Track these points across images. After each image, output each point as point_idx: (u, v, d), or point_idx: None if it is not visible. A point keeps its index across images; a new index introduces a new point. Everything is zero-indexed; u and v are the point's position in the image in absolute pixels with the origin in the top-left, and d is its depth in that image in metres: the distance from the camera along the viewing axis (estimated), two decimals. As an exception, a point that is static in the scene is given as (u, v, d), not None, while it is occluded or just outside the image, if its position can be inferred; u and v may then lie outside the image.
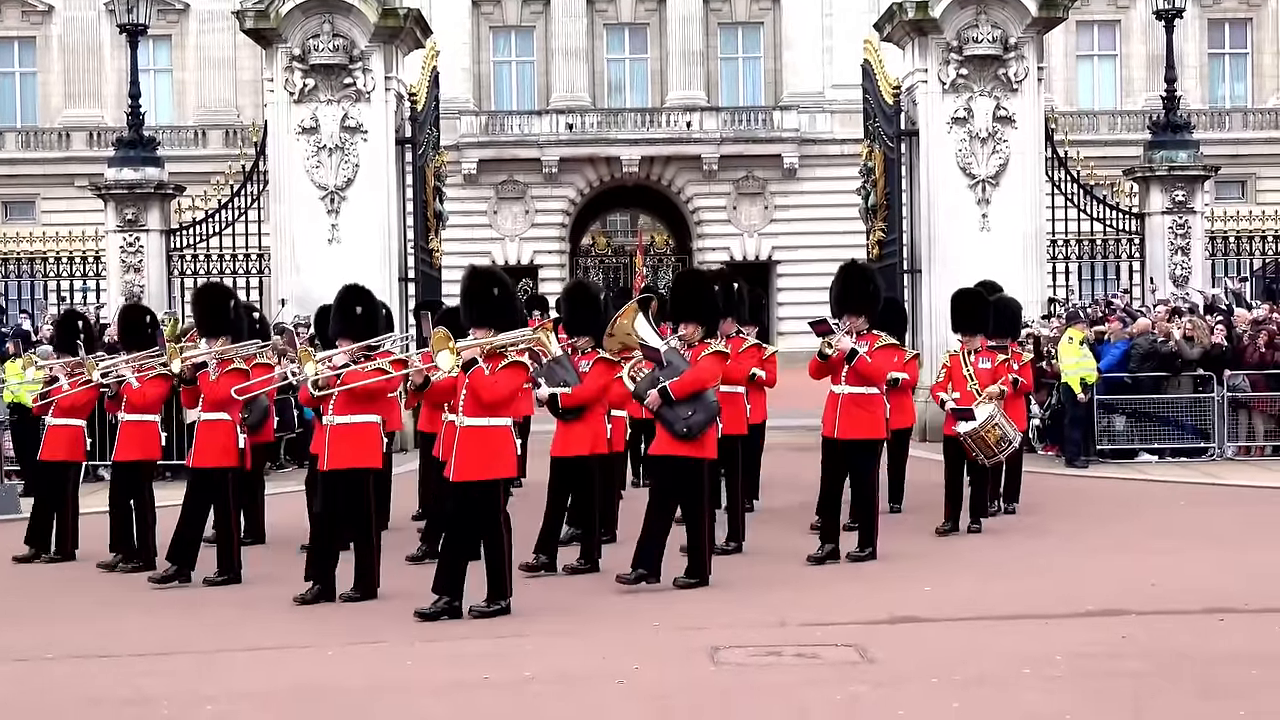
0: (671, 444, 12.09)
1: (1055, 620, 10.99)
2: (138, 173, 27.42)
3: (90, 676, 9.77)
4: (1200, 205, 27.90)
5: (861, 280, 13.70)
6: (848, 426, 13.37)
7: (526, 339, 11.54)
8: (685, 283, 13.21)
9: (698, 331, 12.51)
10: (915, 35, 25.34)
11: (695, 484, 12.21)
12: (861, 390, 13.36)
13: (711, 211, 51.39)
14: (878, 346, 13.41)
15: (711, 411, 12.09)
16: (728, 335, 13.90)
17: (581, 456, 13.18)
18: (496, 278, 11.72)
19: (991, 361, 15.38)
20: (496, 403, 11.05)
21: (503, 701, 8.92)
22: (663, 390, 11.98)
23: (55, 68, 51.79)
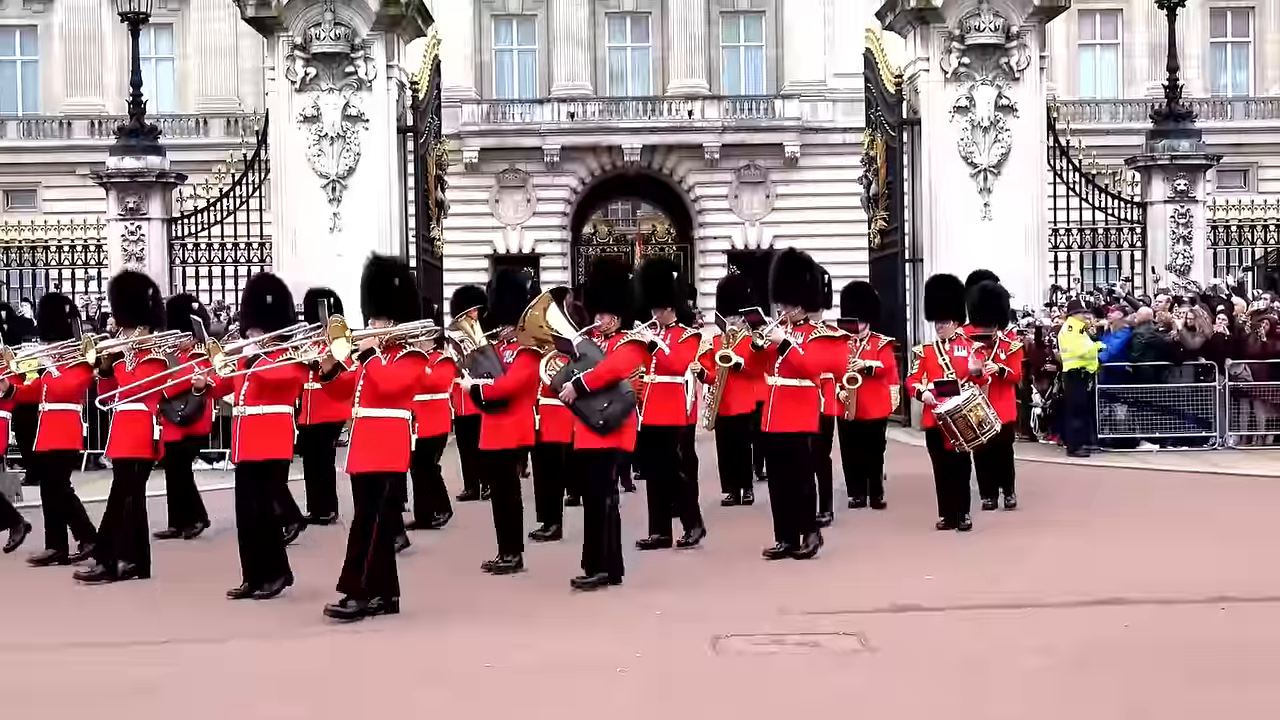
0: (590, 438, 11.88)
1: (1056, 609, 10.99)
2: (139, 161, 27.43)
3: (95, 664, 9.78)
4: (1202, 194, 27.91)
5: (797, 269, 13.31)
6: (778, 419, 12.99)
7: (427, 330, 11.25)
8: (601, 273, 12.97)
9: (614, 322, 12.33)
10: (917, 24, 25.34)
11: (604, 476, 11.96)
12: (794, 383, 12.95)
13: (713, 200, 51.30)
14: (813, 338, 12.99)
15: (627, 402, 11.90)
16: (667, 325, 13.44)
17: (507, 450, 12.86)
18: (397, 267, 11.52)
19: (967, 350, 15.01)
20: (393, 393, 10.75)
21: (503, 689, 8.92)
22: (577, 382, 11.79)
23: (57, 56, 51.69)
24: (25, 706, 8.81)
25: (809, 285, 13.19)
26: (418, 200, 26.04)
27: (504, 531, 12.78)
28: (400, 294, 11.16)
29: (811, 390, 13.05)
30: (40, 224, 30.73)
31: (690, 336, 13.84)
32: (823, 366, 13.25)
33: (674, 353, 13.46)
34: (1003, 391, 15.67)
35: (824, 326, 13.27)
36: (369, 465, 10.77)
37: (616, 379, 11.85)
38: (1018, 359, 16.18)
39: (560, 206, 51.45)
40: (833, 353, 13.36)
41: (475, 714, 8.49)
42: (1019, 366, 16.38)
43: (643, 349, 12.42)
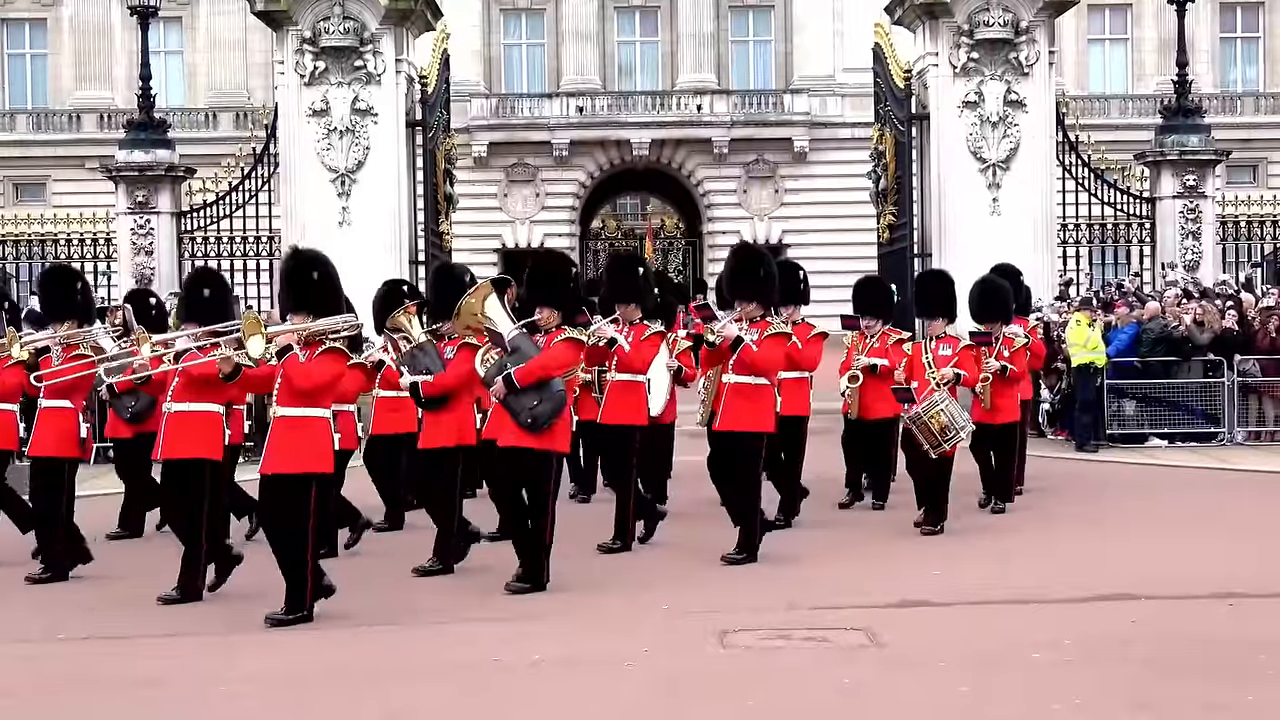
0: (520, 435, 11.37)
1: (1064, 605, 10.99)
2: (148, 155, 27.43)
3: (104, 658, 9.80)
4: (1211, 190, 27.85)
5: (753, 263, 12.96)
6: (729, 418, 12.63)
7: (349, 325, 10.89)
8: (541, 266, 12.27)
9: (552, 317, 11.78)
10: (926, 19, 25.32)
11: (541, 478, 11.49)
12: (747, 380, 12.58)
13: (722, 195, 51.32)
14: (767, 335, 12.60)
15: (557, 401, 11.36)
16: (630, 322, 13.24)
17: (446, 449, 12.53)
18: (317, 261, 11.02)
19: (953, 348, 14.44)
20: (312, 391, 10.39)
21: (511, 683, 8.93)
22: (507, 378, 11.33)
23: (66, 50, 51.78)
24: (33, 699, 8.84)
25: (764, 281, 12.80)
26: (426, 194, 26.05)
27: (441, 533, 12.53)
28: (320, 288, 10.74)
29: (767, 389, 12.66)
30: (49, 217, 30.72)
31: (653, 334, 13.46)
32: (777, 364, 12.79)
33: (635, 350, 13.18)
34: (1006, 390, 15.45)
35: (779, 323, 12.91)
36: (289, 466, 10.39)
37: (547, 376, 11.35)
38: (1021, 356, 15.77)
39: (569, 201, 51.48)
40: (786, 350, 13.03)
41: (484, 709, 8.50)
42: (1024, 364, 15.97)
43: (579, 347, 11.89)
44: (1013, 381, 15.57)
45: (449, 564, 12.45)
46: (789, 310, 14.46)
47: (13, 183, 50.85)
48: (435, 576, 12.25)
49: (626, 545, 13.37)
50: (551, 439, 11.43)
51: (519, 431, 11.35)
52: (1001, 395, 15.36)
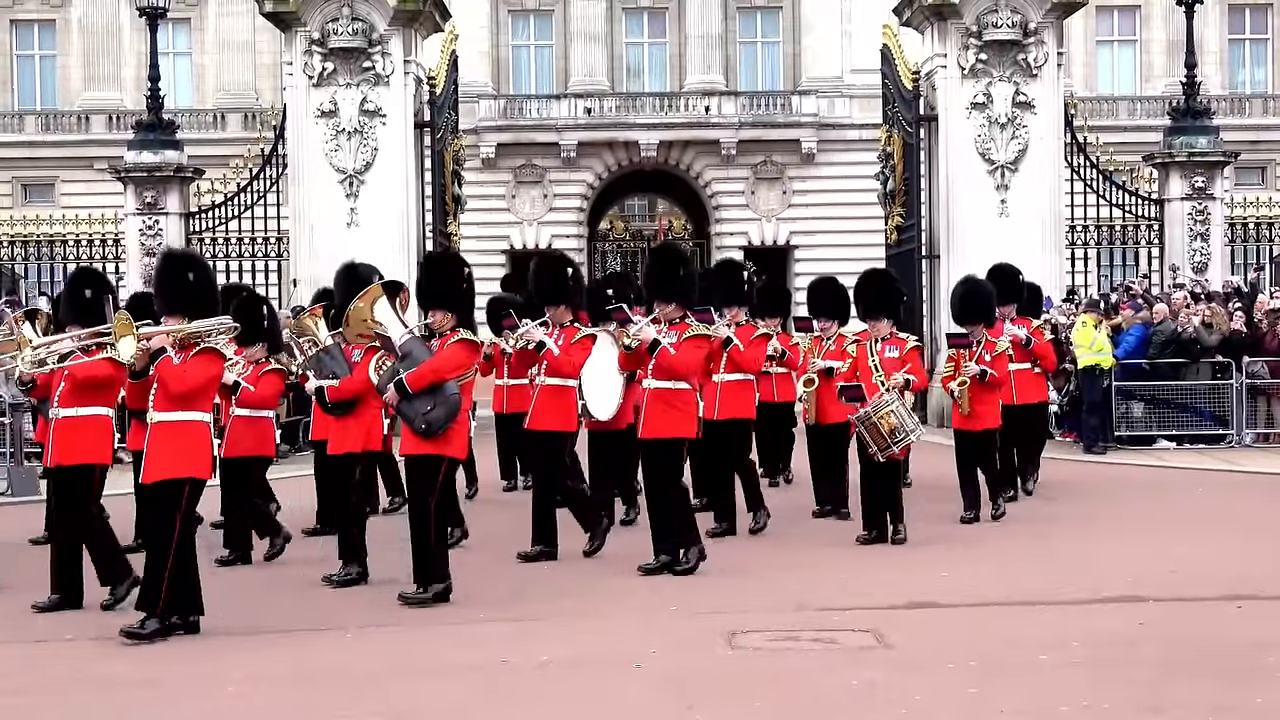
0: (417, 442, 11.03)
1: (1072, 606, 10.99)
2: (157, 156, 27.50)
3: (110, 658, 9.81)
4: (1220, 191, 27.86)
5: (672, 263, 12.59)
6: (650, 424, 12.20)
7: (225, 327, 10.55)
8: (434, 266, 11.89)
9: (448, 319, 11.26)
10: (934, 20, 25.33)
11: (431, 483, 11.09)
12: (667, 385, 12.16)
13: (729, 196, 51.29)
14: (685, 337, 12.17)
15: (451, 406, 10.95)
16: (560, 324, 13.00)
17: (351, 454, 12.20)
18: (191, 260, 10.73)
19: (899, 349, 13.86)
20: (185, 394, 10.08)
21: (520, 684, 8.94)
22: (398, 383, 10.97)
23: (75, 51, 51.81)
24: (39, 699, 8.85)
25: (684, 281, 12.41)
26: (434, 195, 26.09)
27: (344, 541, 12.24)
28: (194, 289, 10.41)
29: (687, 393, 12.24)
30: (58, 218, 30.84)
31: (584, 337, 13.06)
32: (695, 367, 12.31)
33: (564, 354, 12.89)
34: (987, 395, 15.02)
35: (698, 325, 12.39)
36: (167, 472, 10.10)
37: (439, 380, 10.94)
38: (1003, 361, 15.30)
39: (577, 202, 51.47)
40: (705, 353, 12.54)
41: (492, 709, 8.50)
42: (1006, 367, 15.42)
43: (473, 349, 11.36)
44: (993, 387, 15.08)
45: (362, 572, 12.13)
46: (732, 312, 14.22)
47: (21, 183, 50.89)
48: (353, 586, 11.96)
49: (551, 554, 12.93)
50: (447, 444, 11.08)
51: (414, 438, 11.05)
52: (981, 401, 14.94)
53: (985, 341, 15.10)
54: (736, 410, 14.29)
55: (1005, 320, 16.18)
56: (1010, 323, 16.23)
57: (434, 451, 11.02)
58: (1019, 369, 16.21)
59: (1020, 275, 16.88)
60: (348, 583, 12.00)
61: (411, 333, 11.19)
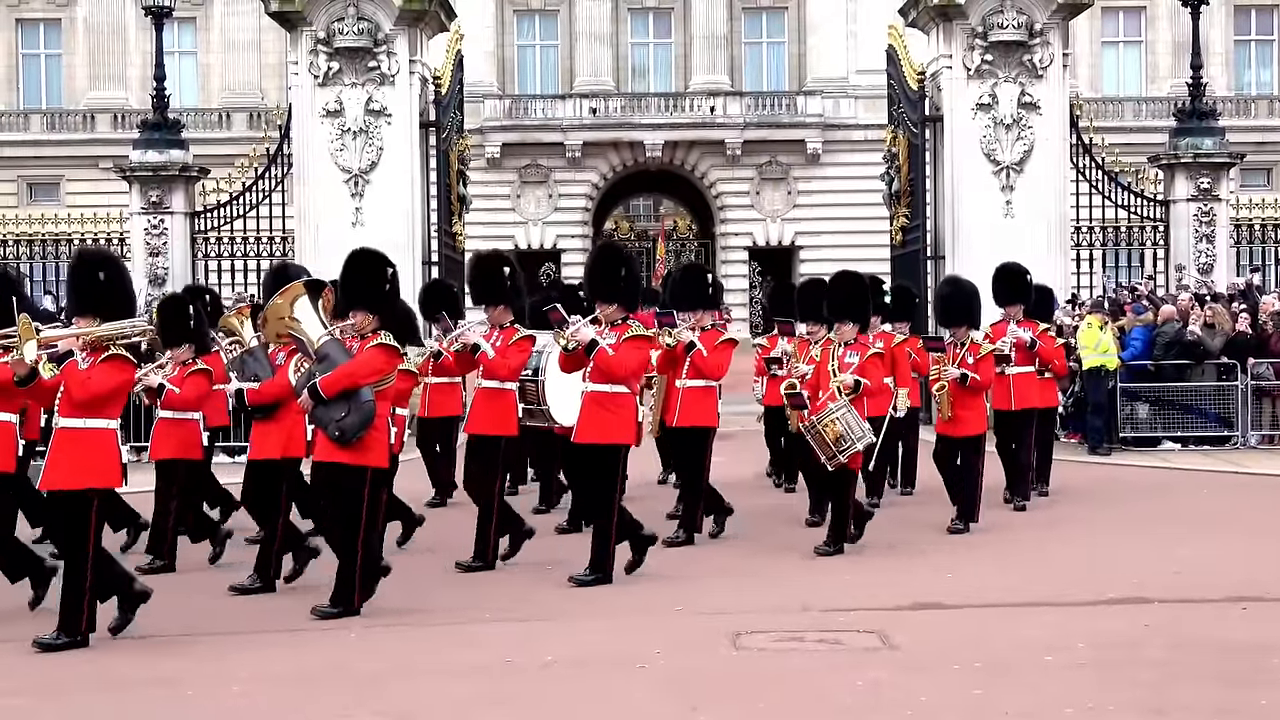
0: (333, 450, 10.61)
1: (1077, 608, 10.99)
2: (162, 155, 27.48)
3: (115, 657, 9.82)
4: (1225, 193, 27.81)
5: (613, 263, 12.23)
6: (586, 429, 11.92)
7: (137, 330, 10.30)
8: (354, 265, 11.19)
9: (369, 321, 10.83)
10: (940, 21, 25.30)
11: (354, 495, 10.68)
12: (605, 389, 11.81)
13: (734, 197, 51.32)
14: (625, 338, 11.81)
15: (365, 413, 10.50)
16: (499, 326, 12.58)
17: (271, 460, 11.89)
18: (105, 260, 10.38)
19: (860, 354, 13.35)
20: (90, 401, 9.76)
21: (524, 684, 8.94)
22: (312, 388, 10.54)
23: (80, 50, 51.88)
24: (45, 699, 8.86)
25: (626, 282, 12.10)
26: (440, 195, 26.07)
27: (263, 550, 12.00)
28: (106, 290, 10.04)
29: (626, 397, 11.89)
30: (63, 217, 30.80)
31: (522, 338, 12.65)
32: (634, 370, 11.94)
33: (500, 356, 12.48)
34: (970, 400, 14.52)
35: (638, 326, 12.06)
36: (67, 482, 9.78)
37: (354, 385, 10.50)
38: (988, 364, 14.70)
39: (582, 202, 51.52)
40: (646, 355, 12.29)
41: (496, 710, 8.50)
42: (991, 371, 14.84)
43: (392, 354, 10.87)
44: (976, 392, 14.58)
45: (270, 581, 11.83)
46: (697, 315, 13.92)
47: (27, 182, 50.96)
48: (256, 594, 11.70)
49: (489, 564, 12.60)
50: (363, 452, 10.61)
51: (329, 445, 10.64)
52: (964, 406, 14.45)
53: (970, 344, 14.70)
54: (697, 418, 13.79)
55: (1010, 322, 16.02)
56: (1016, 324, 16.01)
57: (351, 461, 10.58)
58: (1021, 372, 16.03)
59: (1028, 275, 16.45)
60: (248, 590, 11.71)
61: (331, 334, 10.81)
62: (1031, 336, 16.08)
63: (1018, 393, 16.01)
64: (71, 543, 9.92)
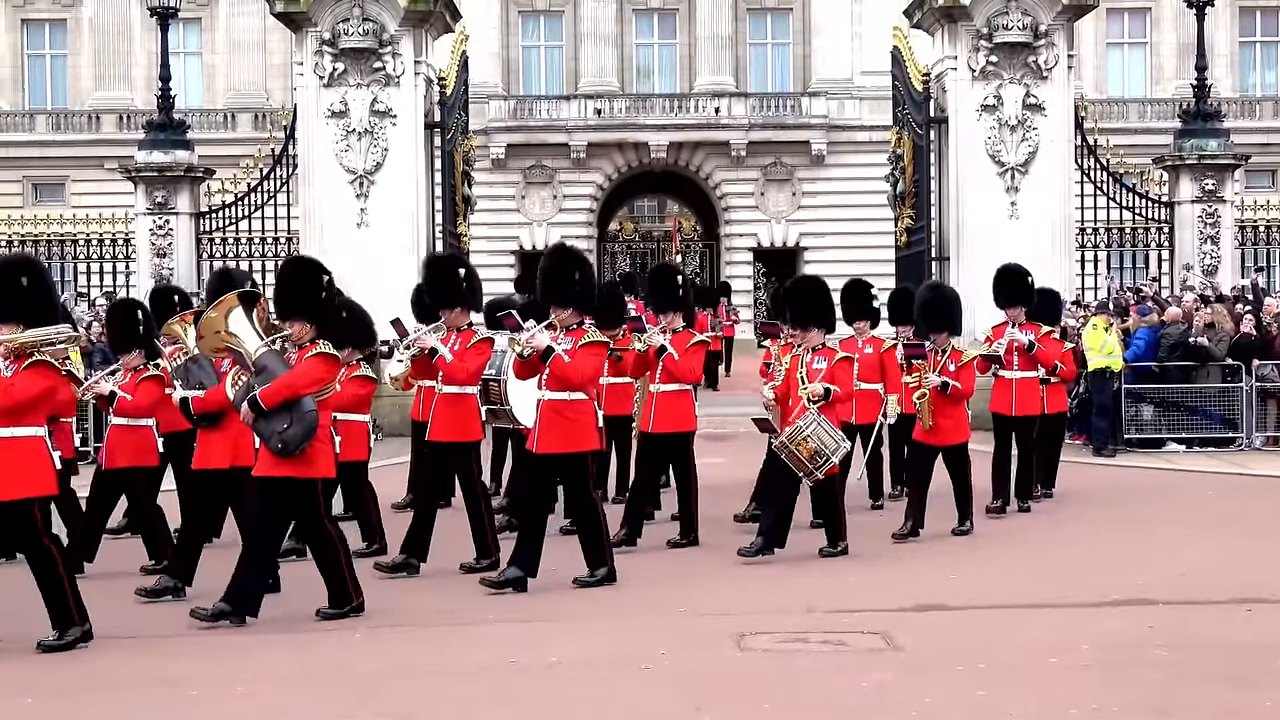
0: (275, 463, 10.37)
1: (1082, 609, 10.98)
2: (167, 155, 27.53)
3: (121, 658, 9.82)
4: (1230, 194, 27.81)
5: (567, 266, 11.85)
6: (545, 439, 11.57)
7: (64, 336, 10.15)
8: (290, 273, 10.94)
9: (306, 330, 10.61)
10: (945, 22, 25.30)
11: (305, 506, 10.53)
12: (563, 396, 11.53)
13: (739, 198, 51.31)
14: (581, 344, 11.55)
15: (307, 424, 10.28)
16: (456, 329, 12.40)
17: (220, 470, 11.63)
18: (27, 265, 10.12)
19: (828, 360, 13.01)
20: (12, 409, 9.57)
21: (529, 685, 8.94)
22: (252, 400, 10.29)
23: (86, 50, 51.93)
24: (50, 699, 8.87)
25: (580, 285, 11.75)
26: (444, 196, 26.08)
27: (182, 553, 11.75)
28: (30, 295, 9.84)
29: (584, 403, 11.60)
30: (69, 217, 30.84)
31: (481, 341, 12.48)
32: (590, 376, 11.67)
33: (458, 360, 12.28)
34: (951, 408, 14.13)
35: (594, 331, 11.83)
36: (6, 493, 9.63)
37: (294, 396, 10.27)
38: (969, 372, 14.32)
39: (586, 203, 51.52)
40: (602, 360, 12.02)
41: (500, 710, 8.51)
42: (972, 379, 14.43)
43: (332, 363, 10.65)
44: (957, 400, 14.18)
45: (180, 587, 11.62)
46: (669, 318, 13.73)
47: (32, 183, 51.01)
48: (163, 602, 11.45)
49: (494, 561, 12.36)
50: (308, 464, 10.41)
51: (273, 459, 10.39)
52: (945, 414, 14.05)
53: (951, 351, 14.26)
54: (673, 423, 13.65)
55: (1010, 325, 15.85)
56: (1017, 328, 15.82)
57: (295, 474, 10.38)
58: (1023, 377, 15.82)
59: (1029, 277, 16.19)
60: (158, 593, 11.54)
61: (268, 345, 10.55)
62: (1031, 340, 15.82)
63: (1019, 398, 15.84)
64: (28, 548, 9.89)
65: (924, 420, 14.15)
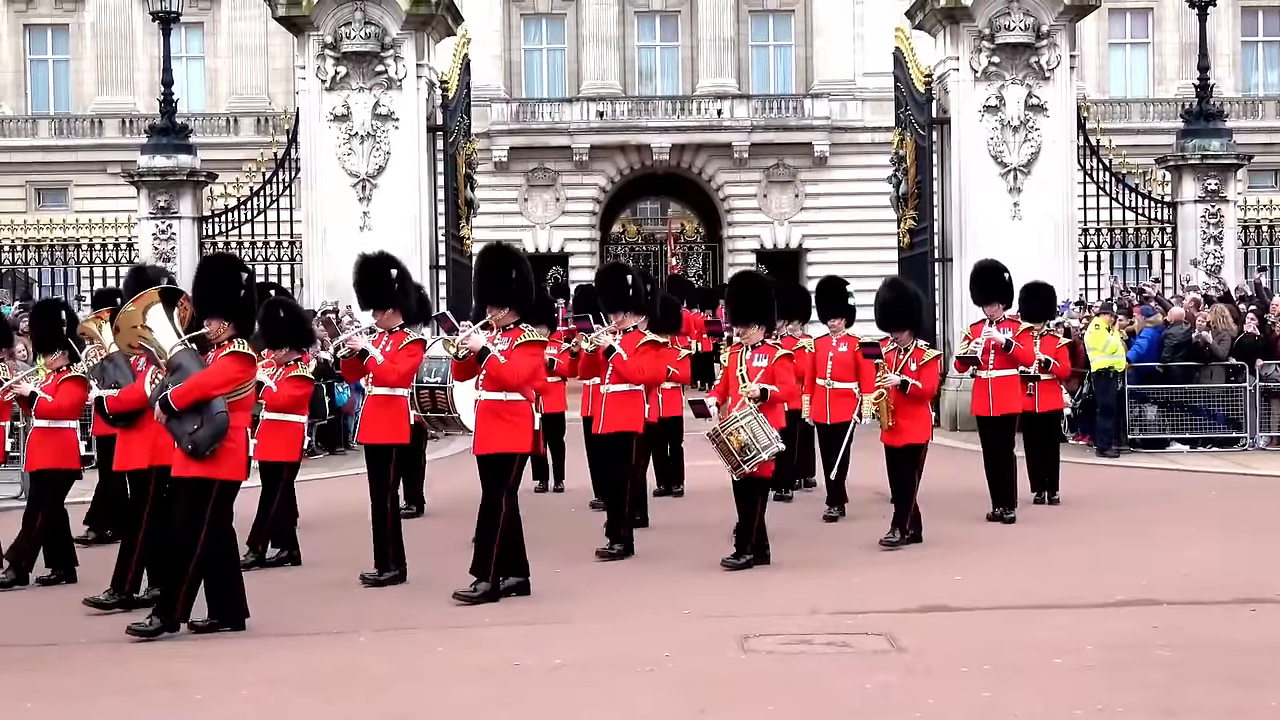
0: (186, 463, 10.15)
1: (1086, 610, 10.97)
2: (170, 160, 27.56)
3: (124, 662, 9.82)
4: (1233, 194, 27.83)
5: (503, 265, 11.64)
6: (482, 439, 11.40)
7: None
8: (207, 270, 10.75)
9: (224, 329, 10.38)
10: (947, 23, 25.32)
11: (197, 508, 10.20)
12: (499, 397, 11.31)
13: (742, 200, 51.28)
14: (518, 344, 11.30)
15: (217, 425, 10.04)
16: (389, 330, 12.28)
17: (138, 470, 11.46)
18: None
19: (768, 358, 12.70)
20: None
21: (533, 688, 8.94)
22: (163, 401, 10.09)
23: (88, 55, 51.90)
24: (53, 703, 8.87)
25: (518, 284, 11.50)
26: (447, 199, 26.11)
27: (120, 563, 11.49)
28: None
29: (520, 405, 11.39)
30: (71, 222, 30.89)
31: (412, 343, 12.30)
32: (526, 377, 11.39)
33: (388, 361, 12.10)
34: (913, 409, 13.74)
35: (532, 331, 11.60)
36: None
37: (205, 396, 10.05)
38: (932, 370, 13.87)
39: (589, 206, 51.50)
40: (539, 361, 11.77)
41: (504, 713, 8.50)
42: (934, 378, 14.05)
43: (247, 363, 10.40)
44: (918, 399, 13.77)
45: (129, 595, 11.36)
46: (619, 318, 13.48)
47: (35, 187, 51.00)
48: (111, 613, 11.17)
49: (401, 575, 12.17)
50: (218, 466, 10.18)
51: (185, 459, 10.19)
52: (906, 415, 13.69)
53: (914, 350, 13.83)
54: (621, 423, 13.38)
55: (987, 323, 15.54)
56: (995, 326, 15.47)
57: (205, 475, 10.16)
58: (999, 376, 15.44)
59: (1005, 273, 15.84)
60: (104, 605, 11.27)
61: (184, 344, 10.31)
62: (1008, 338, 15.44)
63: (996, 398, 15.48)
64: None
65: (883, 420, 13.80)
